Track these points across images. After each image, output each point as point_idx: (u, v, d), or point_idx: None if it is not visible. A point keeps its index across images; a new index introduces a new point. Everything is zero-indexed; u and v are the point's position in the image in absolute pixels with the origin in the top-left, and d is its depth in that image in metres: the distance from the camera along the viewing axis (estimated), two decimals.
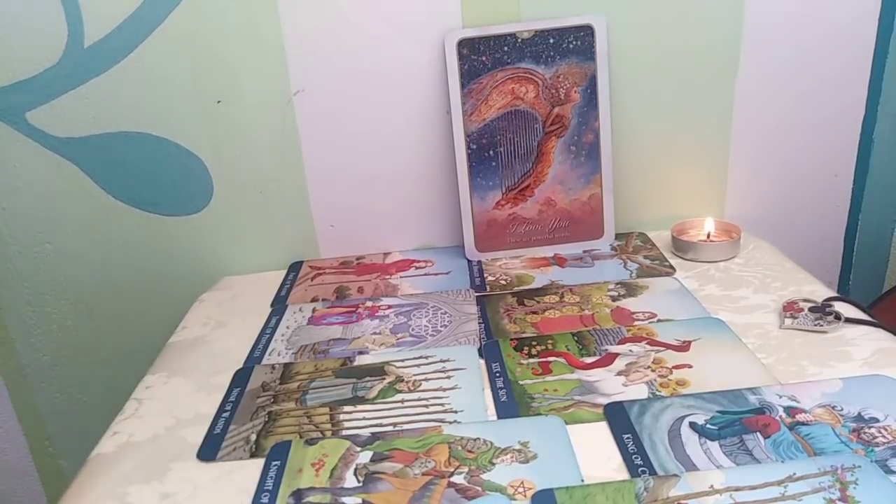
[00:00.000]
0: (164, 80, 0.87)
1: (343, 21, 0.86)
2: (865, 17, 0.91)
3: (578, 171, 0.91)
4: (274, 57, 0.87)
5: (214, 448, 0.60)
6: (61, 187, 0.91)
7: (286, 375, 0.70)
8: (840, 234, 1.03)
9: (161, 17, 0.84)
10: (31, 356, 0.99)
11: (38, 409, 1.02)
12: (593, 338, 0.72)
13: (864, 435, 0.55)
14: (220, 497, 0.55)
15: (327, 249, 0.98)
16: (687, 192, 0.98)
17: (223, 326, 0.82)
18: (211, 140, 0.90)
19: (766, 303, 0.77)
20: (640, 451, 0.55)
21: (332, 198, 0.94)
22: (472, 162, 0.90)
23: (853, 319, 0.71)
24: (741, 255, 0.89)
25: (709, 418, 0.58)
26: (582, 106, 0.89)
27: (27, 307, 0.96)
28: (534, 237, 0.93)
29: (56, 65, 0.85)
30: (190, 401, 0.68)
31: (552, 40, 0.87)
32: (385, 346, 0.74)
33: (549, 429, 0.59)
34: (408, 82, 0.89)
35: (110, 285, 0.96)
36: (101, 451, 0.61)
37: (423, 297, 0.84)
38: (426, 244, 0.98)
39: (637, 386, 0.64)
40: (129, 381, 0.73)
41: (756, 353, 0.68)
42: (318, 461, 0.57)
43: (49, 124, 0.88)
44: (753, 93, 0.93)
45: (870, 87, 0.95)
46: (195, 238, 0.95)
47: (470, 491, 0.52)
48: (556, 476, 0.53)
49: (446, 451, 0.57)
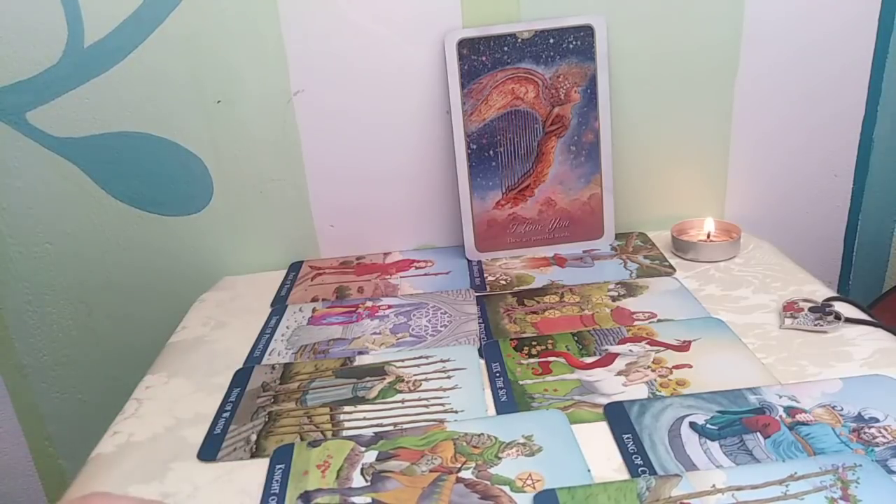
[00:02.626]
0: (164, 80, 0.87)
1: (343, 21, 0.86)
2: (865, 17, 0.91)
3: (578, 171, 0.91)
4: (274, 57, 0.87)
5: (215, 448, 0.60)
6: (61, 187, 0.91)
7: (286, 375, 0.70)
8: (840, 234, 1.03)
9: (161, 17, 0.84)
10: (31, 356, 0.99)
11: (38, 409, 1.02)
12: (593, 338, 0.72)
13: (864, 435, 0.55)
14: (221, 497, 0.55)
15: (327, 249, 0.98)
16: (687, 192, 0.98)
17: (223, 326, 0.82)
18: (211, 140, 0.90)
19: (766, 303, 0.77)
20: (640, 451, 0.55)
21: (332, 197, 0.94)
22: (472, 162, 0.90)
23: (853, 319, 0.71)
24: (741, 255, 0.89)
25: (709, 418, 0.58)
26: (582, 106, 0.89)
27: (27, 307, 0.96)
28: (534, 237, 0.93)
29: (56, 65, 0.85)
30: (190, 401, 0.68)
31: (552, 40, 0.87)
32: (385, 346, 0.74)
33: (552, 422, 0.59)
34: (408, 82, 0.89)
35: (110, 285, 0.96)
36: (101, 451, 0.61)
37: (423, 297, 0.84)
38: (426, 244, 0.98)
39: (637, 386, 0.64)
40: (129, 381, 0.73)
41: (756, 353, 0.68)
42: (324, 462, 0.57)
43: (49, 124, 0.88)
44: (753, 92, 0.93)
45: (870, 87, 0.95)
46: (195, 238, 0.95)
47: (479, 486, 0.52)
48: (563, 467, 0.54)
49: (451, 448, 0.57)
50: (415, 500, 0.52)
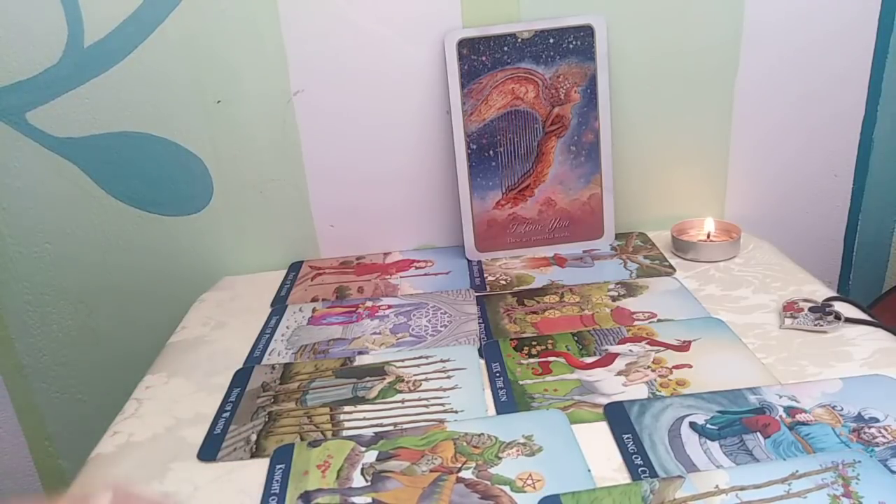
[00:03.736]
0: (164, 80, 0.87)
1: (343, 21, 0.86)
2: (865, 17, 0.91)
3: (578, 171, 0.91)
4: (274, 57, 0.87)
5: (215, 448, 0.60)
6: (61, 187, 0.91)
7: (286, 375, 0.70)
8: (840, 234, 1.03)
9: (161, 17, 0.84)
10: (31, 356, 0.99)
11: (38, 409, 1.02)
12: (593, 338, 0.72)
13: (864, 435, 0.55)
14: (221, 497, 0.55)
15: (327, 249, 0.98)
16: (687, 192, 0.98)
17: (223, 326, 0.82)
18: (211, 140, 0.90)
19: (766, 303, 0.77)
20: (640, 451, 0.55)
21: (332, 198, 0.94)
22: (472, 162, 0.90)
23: (853, 319, 0.71)
24: (741, 255, 0.89)
25: (709, 418, 0.58)
26: (582, 106, 0.89)
27: (27, 307, 0.96)
28: (534, 237, 0.93)
29: (56, 65, 0.85)
30: (190, 401, 0.68)
31: (552, 40, 0.87)
32: (385, 346, 0.74)
33: (552, 422, 0.59)
34: (408, 82, 0.89)
35: (110, 285, 0.96)
36: (101, 451, 0.61)
37: (423, 297, 0.84)
38: (426, 244, 0.98)
39: (637, 386, 0.64)
40: (129, 381, 0.73)
41: (756, 353, 0.68)
42: (324, 462, 0.57)
43: (49, 124, 0.88)
44: (753, 92, 0.93)
45: (870, 87, 0.95)
46: (195, 238, 0.95)
47: (479, 485, 0.52)
48: (563, 467, 0.54)
49: (451, 448, 0.57)
50: (415, 500, 0.52)
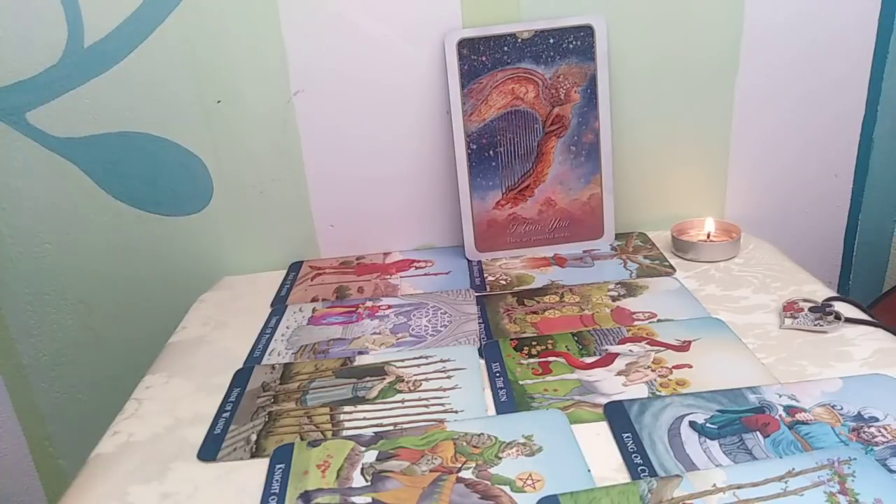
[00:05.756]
0: (164, 80, 0.87)
1: (343, 21, 0.86)
2: (865, 17, 0.91)
3: (578, 171, 0.91)
4: (274, 57, 0.87)
5: (215, 448, 0.60)
6: (61, 187, 0.91)
7: (286, 375, 0.70)
8: (840, 234, 1.03)
9: (161, 18, 0.84)
10: (31, 356, 0.99)
11: (38, 409, 1.02)
12: (593, 338, 0.72)
13: (863, 434, 0.55)
14: (221, 497, 0.55)
15: (327, 249, 0.98)
16: (687, 192, 0.98)
17: (223, 326, 0.82)
18: (211, 140, 0.90)
19: (766, 303, 0.77)
20: (640, 451, 0.55)
21: (332, 198, 0.94)
22: (472, 162, 0.90)
23: (853, 319, 0.71)
24: (741, 255, 0.89)
25: (709, 417, 0.58)
26: (582, 106, 0.89)
27: (27, 307, 0.96)
28: (534, 237, 0.93)
29: (56, 65, 0.85)
30: (190, 401, 0.68)
31: (552, 40, 0.87)
32: (385, 346, 0.74)
33: (551, 422, 0.59)
34: (408, 82, 0.89)
35: (110, 285, 0.96)
36: (101, 451, 0.61)
37: (423, 297, 0.84)
38: (426, 244, 0.98)
39: (637, 386, 0.64)
40: (129, 381, 0.73)
41: (756, 352, 0.68)
42: (324, 462, 0.57)
43: (49, 124, 0.88)
44: (753, 93, 0.93)
45: (870, 87, 0.95)
46: (195, 238, 0.95)
47: (479, 486, 0.52)
48: (563, 467, 0.54)
49: (451, 448, 0.57)
50: (415, 500, 0.52)
